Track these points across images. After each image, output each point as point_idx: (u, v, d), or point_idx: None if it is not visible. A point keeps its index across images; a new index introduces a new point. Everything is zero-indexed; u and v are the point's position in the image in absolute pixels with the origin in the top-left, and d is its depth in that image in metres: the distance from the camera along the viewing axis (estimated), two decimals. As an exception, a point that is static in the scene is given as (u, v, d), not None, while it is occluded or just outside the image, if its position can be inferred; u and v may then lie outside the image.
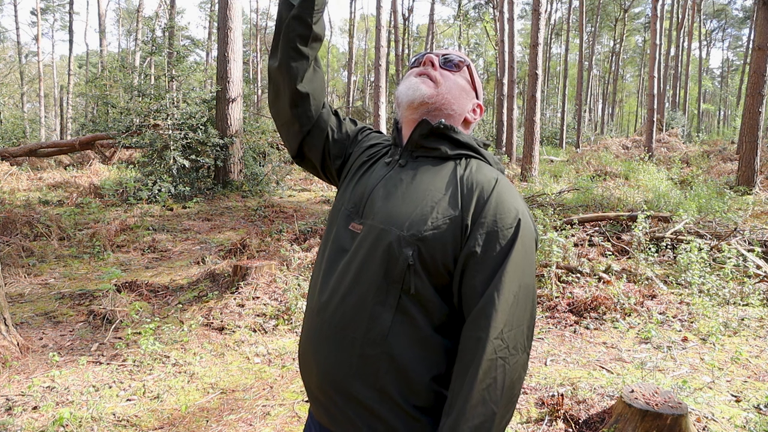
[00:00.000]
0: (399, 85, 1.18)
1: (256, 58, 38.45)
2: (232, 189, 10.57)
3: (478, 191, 1.02)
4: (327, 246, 1.14)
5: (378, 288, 1.00)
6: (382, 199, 1.07)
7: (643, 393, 2.56)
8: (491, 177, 1.06)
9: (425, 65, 1.16)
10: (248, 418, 2.86)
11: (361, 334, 1.00)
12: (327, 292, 1.07)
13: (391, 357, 0.99)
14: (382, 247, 1.01)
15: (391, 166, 1.14)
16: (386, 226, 1.02)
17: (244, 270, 4.84)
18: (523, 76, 37.63)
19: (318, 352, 1.06)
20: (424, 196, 1.04)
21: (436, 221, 1.00)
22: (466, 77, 1.19)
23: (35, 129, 22.85)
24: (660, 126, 22.07)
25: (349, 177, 1.22)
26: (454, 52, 1.18)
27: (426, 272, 0.99)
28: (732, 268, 5.05)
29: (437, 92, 1.12)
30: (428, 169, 1.09)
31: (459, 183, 1.04)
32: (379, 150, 1.24)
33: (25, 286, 5.12)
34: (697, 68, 41.12)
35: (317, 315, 1.09)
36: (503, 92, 20.21)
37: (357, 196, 1.13)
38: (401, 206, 1.04)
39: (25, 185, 10.95)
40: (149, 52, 11.33)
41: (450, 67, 1.16)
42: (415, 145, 1.12)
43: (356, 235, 1.07)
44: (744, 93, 14.25)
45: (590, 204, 8.18)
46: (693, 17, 32.61)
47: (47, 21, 40.29)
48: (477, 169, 1.08)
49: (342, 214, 1.13)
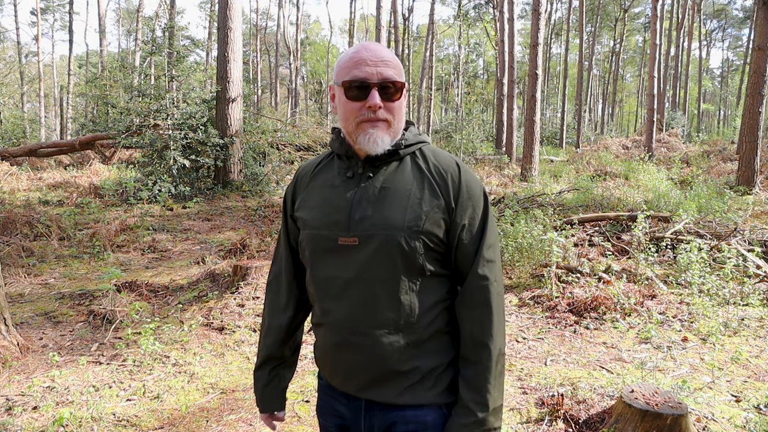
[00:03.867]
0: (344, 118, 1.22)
1: (256, 58, 38.43)
2: (232, 189, 10.57)
3: (449, 177, 1.21)
4: (318, 264, 1.24)
5: (400, 281, 1.17)
6: (369, 208, 1.19)
7: (643, 393, 2.56)
8: (451, 162, 1.24)
9: (373, 110, 1.18)
10: (248, 418, 2.86)
11: (396, 322, 1.17)
12: (347, 299, 1.19)
13: (422, 328, 1.19)
14: (394, 248, 1.16)
15: (356, 179, 1.23)
16: (389, 231, 1.16)
17: (244, 270, 4.84)
18: (523, 76, 37.63)
19: (356, 353, 1.20)
20: (407, 196, 1.19)
21: (428, 213, 1.17)
22: (404, 85, 1.23)
23: (35, 129, 22.85)
24: (660, 126, 22.08)
25: (300, 210, 1.30)
26: (385, 69, 1.18)
27: (432, 254, 1.19)
28: (732, 268, 5.05)
29: (392, 131, 1.21)
30: (394, 171, 1.22)
31: (429, 174, 1.22)
32: (316, 169, 1.33)
33: (25, 286, 5.12)
34: (697, 68, 41.12)
35: (342, 324, 1.21)
36: (503, 92, 20.21)
37: (326, 215, 1.22)
38: (393, 210, 1.17)
39: (25, 185, 10.95)
40: (149, 52, 11.33)
41: (392, 97, 1.20)
42: (375, 158, 1.22)
43: (352, 247, 1.18)
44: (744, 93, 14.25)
45: (590, 204, 8.18)
46: (693, 17, 32.61)
47: (47, 21, 40.30)
48: (433, 155, 1.25)
49: (316, 236, 1.23)
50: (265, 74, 44.86)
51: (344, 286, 1.19)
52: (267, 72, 44.71)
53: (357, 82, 1.18)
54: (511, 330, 4.19)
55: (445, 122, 28.47)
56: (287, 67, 40.89)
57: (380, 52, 1.20)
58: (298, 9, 36.65)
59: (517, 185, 12.10)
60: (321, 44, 50.74)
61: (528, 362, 3.56)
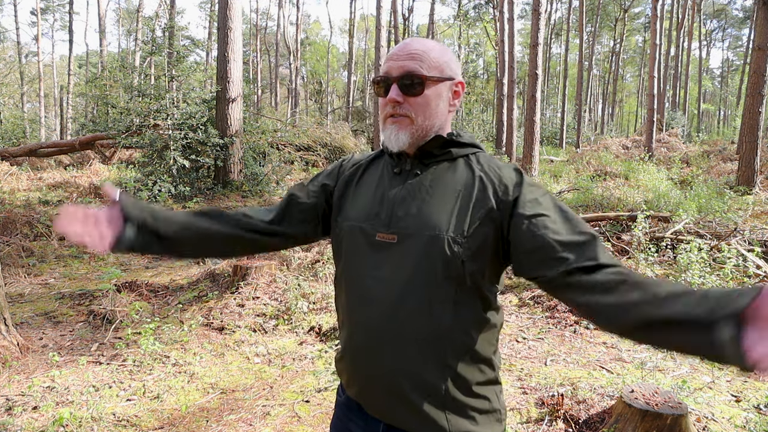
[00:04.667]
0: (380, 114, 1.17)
1: (256, 58, 38.44)
2: (232, 189, 10.57)
3: (502, 175, 1.11)
4: (351, 259, 1.17)
5: (437, 288, 1.06)
6: (414, 206, 1.11)
7: (643, 393, 2.56)
8: (508, 166, 1.15)
9: (392, 105, 1.13)
10: (248, 418, 2.86)
11: (426, 333, 1.07)
12: (376, 301, 1.10)
13: (456, 342, 1.08)
14: (435, 251, 1.06)
15: (404, 175, 1.17)
16: (431, 231, 1.07)
17: (244, 270, 4.84)
18: (523, 76, 37.63)
19: (379, 359, 1.10)
20: (455, 196, 1.10)
21: (478, 217, 1.07)
22: (434, 78, 1.13)
23: (35, 129, 22.85)
24: (660, 126, 22.07)
25: (341, 199, 1.25)
26: (409, 63, 1.11)
27: (476, 263, 1.07)
28: (732, 268, 5.05)
29: (415, 128, 1.13)
30: (445, 171, 1.15)
31: (481, 173, 1.12)
32: (363, 164, 1.28)
33: (25, 286, 5.12)
34: (697, 68, 41.12)
35: (367, 328, 1.12)
36: (503, 92, 20.20)
37: (369, 208, 1.16)
38: (438, 210, 1.09)
39: (25, 185, 10.94)
40: (149, 52, 11.33)
41: (413, 91, 1.12)
42: (425, 155, 1.16)
43: (390, 244, 1.11)
44: (744, 93, 14.25)
45: (590, 204, 8.18)
46: (693, 17, 32.61)
47: (47, 21, 40.30)
48: (487, 161, 1.16)
49: (355, 229, 1.16)
50: (265, 74, 44.85)
51: (375, 286, 1.10)
52: (267, 72, 44.71)
53: (381, 78, 1.15)
54: (511, 330, 4.19)
55: (445, 122, 28.40)
56: (287, 67, 40.90)
57: (413, 46, 1.13)
58: (298, 9, 36.66)
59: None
60: (321, 44, 50.74)
61: (528, 362, 3.56)
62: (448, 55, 1.16)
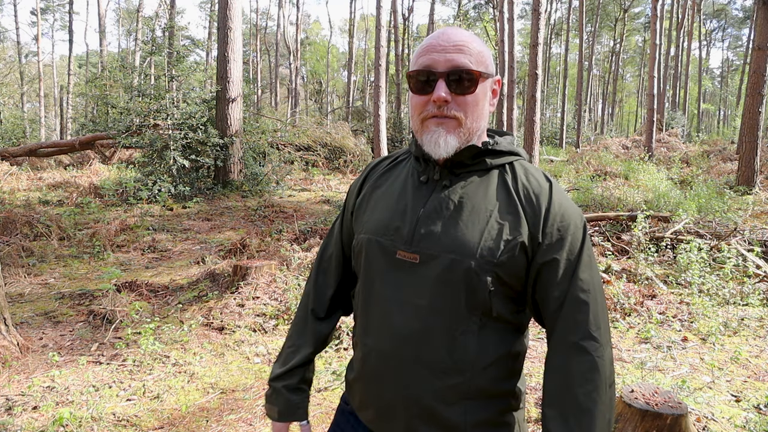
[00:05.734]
0: (411, 114, 1.06)
1: (256, 58, 38.43)
2: (232, 189, 10.57)
3: (538, 202, 1.00)
4: (369, 277, 1.08)
5: (460, 316, 0.98)
6: (439, 223, 1.00)
7: (642, 393, 2.56)
8: (543, 182, 1.04)
9: (437, 105, 0.99)
10: (248, 418, 2.86)
11: (446, 364, 0.99)
12: (393, 326, 1.02)
13: (476, 377, 1.00)
14: (459, 277, 0.97)
15: (430, 186, 1.05)
16: (457, 255, 0.97)
17: (244, 270, 4.83)
18: (523, 76, 37.63)
19: (394, 389, 1.03)
20: (486, 217, 0.99)
21: (508, 243, 0.97)
22: (484, 75, 1.02)
23: (35, 129, 22.87)
24: (660, 126, 22.07)
25: (359, 209, 1.15)
26: (458, 56, 0.99)
27: (504, 293, 1.00)
28: (732, 268, 5.05)
29: (464, 131, 1.01)
30: (476, 185, 1.03)
31: (516, 196, 1.02)
32: (390, 165, 1.17)
33: (25, 286, 5.12)
34: (697, 68, 41.12)
35: (383, 352, 1.04)
36: (503, 92, 20.17)
37: (389, 220, 1.05)
38: (466, 231, 0.99)
39: (25, 185, 10.94)
40: (149, 52, 11.34)
41: (464, 89, 0.99)
42: (456, 164, 1.04)
43: (412, 264, 1.00)
44: (744, 93, 14.25)
45: (590, 204, 8.18)
46: (693, 17, 32.61)
47: (47, 21, 40.29)
48: (524, 174, 1.05)
49: (372, 243, 1.06)
50: (265, 74, 44.85)
51: (394, 308, 1.01)
52: (267, 72, 44.71)
53: (423, 72, 1.00)
54: (511, 330, 4.19)
55: (445, 122, 28.40)
56: (287, 67, 40.90)
57: (456, 36, 1.00)
58: (298, 9, 36.65)
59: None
60: (321, 44, 50.74)
61: (528, 362, 3.56)
62: (487, 49, 1.05)
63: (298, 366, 1.20)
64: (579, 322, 0.96)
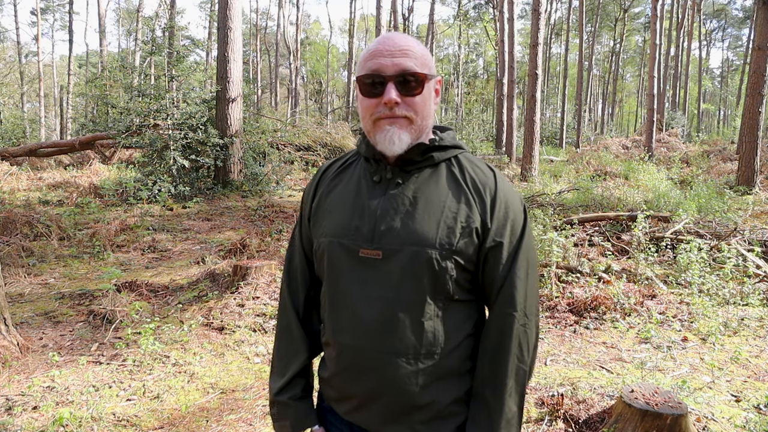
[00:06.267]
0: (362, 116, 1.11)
1: (256, 58, 38.43)
2: (232, 189, 10.57)
3: (485, 190, 1.09)
4: (335, 277, 1.12)
5: (425, 304, 1.05)
6: (398, 219, 1.06)
7: (643, 393, 2.56)
8: (488, 172, 1.13)
9: (389, 106, 1.05)
10: (248, 418, 2.86)
11: (417, 349, 1.06)
12: (364, 320, 1.07)
13: (446, 357, 1.08)
14: (423, 267, 1.04)
15: (384, 185, 1.11)
16: (418, 246, 1.04)
17: (244, 270, 4.83)
18: (523, 76, 37.63)
19: (371, 380, 1.08)
20: (440, 208, 1.07)
21: (464, 230, 1.05)
22: (428, 76, 1.09)
23: (35, 129, 22.87)
24: (660, 126, 22.07)
25: (316, 213, 1.19)
26: (404, 60, 1.05)
27: (462, 277, 1.08)
28: (732, 268, 5.05)
29: (415, 128, 1.08)
30: (428, 179, 1.10)
31: (465, 186, 1.10)
32: (341, 168, 1.21)
33: (25, 286, 5.12)
34: (697, 68, 41.12)
35: (356, 347, 1.08)
36: (503, 92, 20.20)
37: (348, 221, 1.10)
38: (424, 224, 1.05)
39: (25, 185, 10.95)
40: (149, 52, 11.34)
41: (412, 90, 1.06)
42: (406, 162, 1.10)
43: (375, 261, 1.06)
44: (744, 93, 14.25)
45: (590, 204, 8.18)
46: (693, 17, 32.61)
47: (47, 21, 40.29)
48: (470, 166, 1.13)
49: (334, 245, 1.10)
50: (265, 74, 44.85)
51: (361, 305, 1.07)
52: (267, 72, 44.71)
53: (371, 76, 1.06)
54: (511, 330, 4.19)
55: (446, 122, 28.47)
56: (287, 67, 40.90)
57: (400, 41, 1.07)
58: (298, 9, 36.66)
59: (517, 185, 12.09)
60: (321, 44, 50.75)
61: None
62: (428, 51, 1.12)
63: (297, 375, 1.22)
64: (513, 296, 1.07)
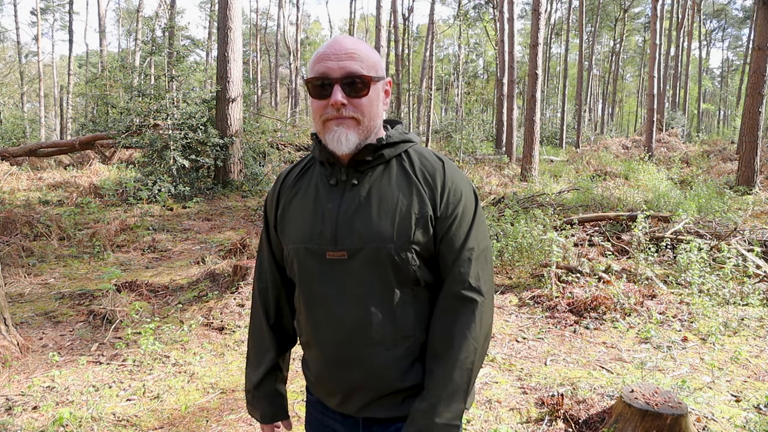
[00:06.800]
0: (313, 117, 1.16)
1: (256, 58, 38.43)
2: (232, 189, 10.57)
3: (434, 180, 1.14)
4: (306, 281, 1.17)
5: (394, 295, 1.11)
6: (356, 219, 1.11)
7: (643, 393, 2.56)
8: (435, 162, 1.17)
9: (336, 108, 1.08)
10: (248, 418, 2.86)
11: (394, 336, 1.12)
12: (340, 317, 1.12)
13: (420, 338, 1.15)
14: (385, 261, 1.09)
15: (341, 187, 1.15)
16: (378, 243, 1.09)
17: (244, 270, 4.83)
18: (523, 76, 37.62)
19: (355, 371, 1.14)
20: (395, 204, 1.11)
21: (418, 221, 1.10)
22: (375, 78, 1.12)
23: (35, 129, 22.86)
24: (660, 126, 22.07)
25: (281, 221, 1.24)
26: (350, 63, 1.08)
27: (424, 263, 1.14)
28: (732, 268, 5.05)
29: (362, 129, 1.11)
30: (381, 177, 1.14)
31: (415, 178, 1.14)
32: (298, 175, 1.26)
33: (25, 286, 5.12)
34: (697, 68, 41.11)
35: (337, 343, 1.14)
36: (503, 92, 20.20)
37: (311, 226, 1.15)
38: (381, 221, 1.10)
39: (25, 185, 10.95)
40: (149, 52, 11.34)
41: (358, 92, 1.09)
42: (359, 163, 1.14)
43: (341, 261, 1.11)
44: (744, 93, 14.26)
45: (590, 204, 8.18)
46: (693, 17, 32.61)
47: (47, 21, 40.30)
48: (419, 158, 1.17)
49: (301, 250, 1.16)
50: (265, 74, 44.85)
51: (336, 303, 1.12)
52: (267, 72, 44.71)
53: (320, 79, 1.09)
54: (511, 330, 4.19)
55: (445, 122, 28.49)
56: (287, 67, 40.90)
57: (347, 45, 1.09)
58: (298, 9, 36.66)
59: (517, 185, 12.10)
60: (321, 44, 50.72)
61: (528, 362, 3.56)
62: (376, 54, 1.15)
63: (270, 369, 1.31)
64: (463, 275, 1.11)
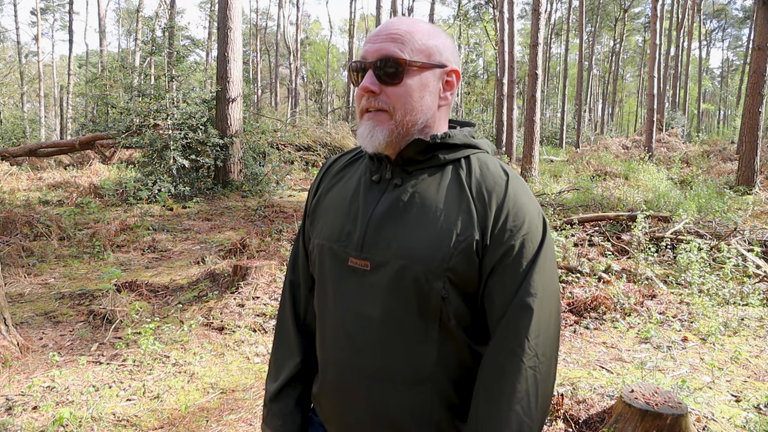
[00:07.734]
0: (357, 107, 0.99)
1: (256, 58, 38.43)
2: (232, 189, 10.57)
3: (490, 198, 0.92)
4: (324, 285, 1.02)
5: (415, 327, 0.92)
6: (389, 227, 0.94)
7: (643, 393, 2.56)
8: (499, 177, 0.95)
9: (366, 96, 0.94)
10: (248, 418, 2.86)
11: (406, 378, 0.93)
12: (349, 337, 0.96)
13: (441, 388, 0.94)
14: (408, 284, 0.91)
15: (382, 186, 0.98)
16: (406, 260, 0.91)
17: (244, 270, 4.83)
18: (523, 76, 37.62)
19: (355, 403, 0.98)
20: (437, 217, 0.92)
21: (459, 245, 0.90)
22: (418, 64, 0.93)
23: (35, 129, 22.87)
24: (660, 126, 22.07)
25: (315, 211, 1.09)
26: (388, 44, 0.92)
27: (459, 297, 0.92)
28: (732, 268, 5.05)
29: (394, 125, 0.93)
30: (429, 182, 0.95)
31: (469, 192, 0.93)
32: (345, 164, 1.10)
33: (25, 286, 5.12)
34: (697, 68, 41.13)
35: (340, 364, 0.99)
36: (503, 92, 20.20)
37: (342, 225, 0.99)
38: (416, 234, 0.91)
39: (25, 185, 10.95)
40: (149, 52, 11.34)
41: (391, 79, 0.92)
42: (407, 161, 0.97)
43: (363, 272, 0.95)
44: (744, 93, 14.26)
45: (590, 204, 8.18)
46: (693, 17, 32.62)
47: (47, 21, 40.30)
48: (480, 168, 0.96)
49: (325, 250, 1.01)
50: (265, 74, 44.85)
51: (347, 319, 0.96)
52: (267, 72, 44.71)
53: (357, 62, 0.95)
54: (511, 330, 4.19)
55: (445, 122, 28.34)
56: (287, 67, 40.91)
57: (395, 24, 0.94)
58: (298, 9, 36.66)
59: (517, 185, 12.07)
60: (321, 44, 50.74)
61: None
62: (440, 38, 0.96)
63: (290, 380, 1.13)
64: (520, 327, 0.88)
